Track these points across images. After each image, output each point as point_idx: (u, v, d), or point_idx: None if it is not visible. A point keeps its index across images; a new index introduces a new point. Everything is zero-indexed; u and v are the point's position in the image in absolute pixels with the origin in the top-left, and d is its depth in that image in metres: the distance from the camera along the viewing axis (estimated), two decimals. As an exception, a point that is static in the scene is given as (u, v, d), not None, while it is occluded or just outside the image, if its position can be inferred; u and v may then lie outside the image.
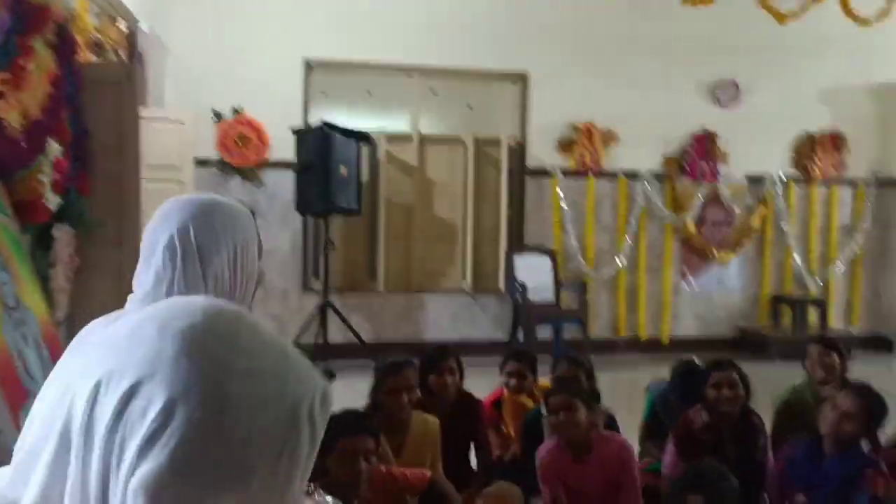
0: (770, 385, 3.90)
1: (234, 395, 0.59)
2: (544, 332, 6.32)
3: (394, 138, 6.64)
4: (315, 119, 6.17)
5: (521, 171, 6.79)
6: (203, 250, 1.32)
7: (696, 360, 3.87)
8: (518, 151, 6.79)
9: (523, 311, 6.26)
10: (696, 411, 3.37)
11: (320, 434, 0.65)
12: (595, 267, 6.87)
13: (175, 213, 1.34)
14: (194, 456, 0.56)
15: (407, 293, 6.59)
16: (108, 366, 0.61)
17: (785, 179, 7.25)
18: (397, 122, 6.89)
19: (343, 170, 5.68)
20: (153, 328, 0.61)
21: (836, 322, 7.35)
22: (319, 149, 5.57)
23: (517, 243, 6.74)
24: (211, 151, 6.13)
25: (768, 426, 3.52)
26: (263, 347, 0.65)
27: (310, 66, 6.45)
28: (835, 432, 2.99)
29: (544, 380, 4.12)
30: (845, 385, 3.32)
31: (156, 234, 1.33)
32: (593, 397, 3.02)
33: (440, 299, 6.63)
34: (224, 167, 6.18)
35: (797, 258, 7.30)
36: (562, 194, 6.76)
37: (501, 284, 6.63)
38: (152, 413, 0.57)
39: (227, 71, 6.08)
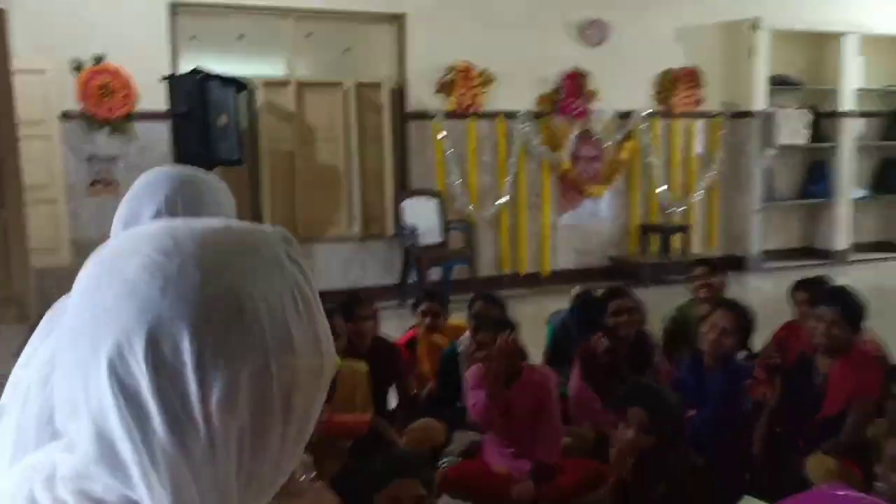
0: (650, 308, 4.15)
1: (245, 293, 0.60)
2: (433, 274, 6.46)
3: (270, 84, 6.43)
4: (185, 66, 5.87)
5: (402, 114, 6.78)
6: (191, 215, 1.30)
7: (592, 291, 4.11)
8: (398, 94, 6.77)
9: (414, 254, 6.34)
10: (598, 338, 3.61)
11: (306, 269, 0.66)
12: (479, 207, 7.03)
13: (159, 186, 1.32)
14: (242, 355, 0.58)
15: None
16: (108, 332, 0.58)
17: (649, 114, 7.65)
18: (272, 68, 6.66)
19: (222, 119, 5.46)
20: (123, 278, 0.59)
21: (696, 246, 7.93)
22: (194, 97, 5.31)
23: (403, 187, 6.78)
24: (77, 104, 5.71)
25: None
26: (225, 235, 0.63)
27: (175, 9, 6.09)
28: (714, 348, 3.27)
29: (455, 319, 4.25)
30: (720, 303, 3.63)
31: (140, 206, 1.31)
32: (511, 328, 3.16)
33: (329, 247, 6.60)
34: (90, 120, 5.78)
35: (662, 188, 7.79)
36: (444, 136, 6.83)
37: (390, 229, 6.67)
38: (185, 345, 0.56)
39: (84, 15, 5.64)
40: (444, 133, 6.83)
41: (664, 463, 2.42)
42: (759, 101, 7.98)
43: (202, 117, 5.29)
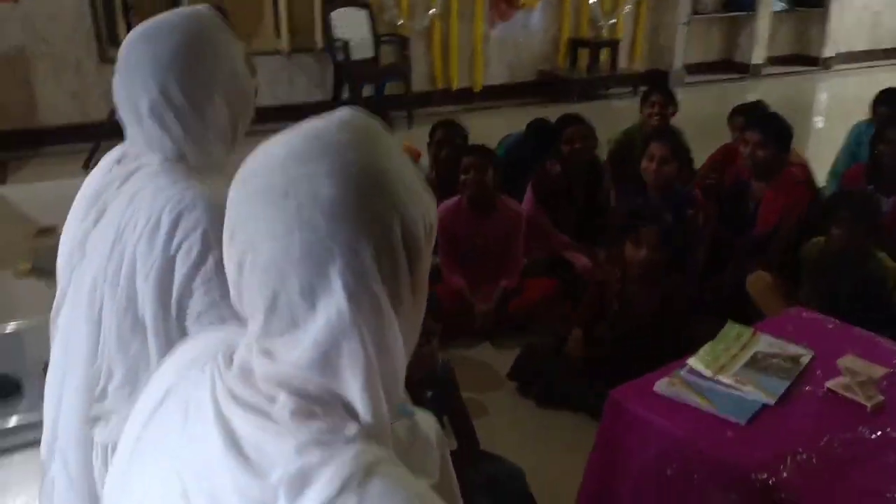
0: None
1: (397, 172, 0.70)
2: (365, 90, 6.29)
3: None
4: None
5: (325, -89, 6.23)
6: (196, 105, 1.18)
7: (546, 118, 4.14)
8: None
9: (346, 69, 6.12)
10: (552, 164, 3.71)
11: None
12: (410, 17, 6.75)
13: (146, 65, 1.16)
14: None
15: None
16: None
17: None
18: None
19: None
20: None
21: (623, 61, 7.96)
22: None
23: (331, -3, 6.38)
24: None
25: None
26: (351, 129, 0.72)
27: None
28: (655, 178, 3.40)
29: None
30: (654, 135, 3.72)
31: (132, 94, 1.17)
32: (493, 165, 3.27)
33: (254, 61, 6.24)
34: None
35: (593, 1, 7.64)
36: (372, -61, 6.38)
37: (319, 42, 6.35)
38: None
39: None
40: (373, -65, 6.36)
41: (652, 285, 2.62)
42: None
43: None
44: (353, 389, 0.67)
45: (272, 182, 0.67)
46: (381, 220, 0.66)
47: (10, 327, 2.08)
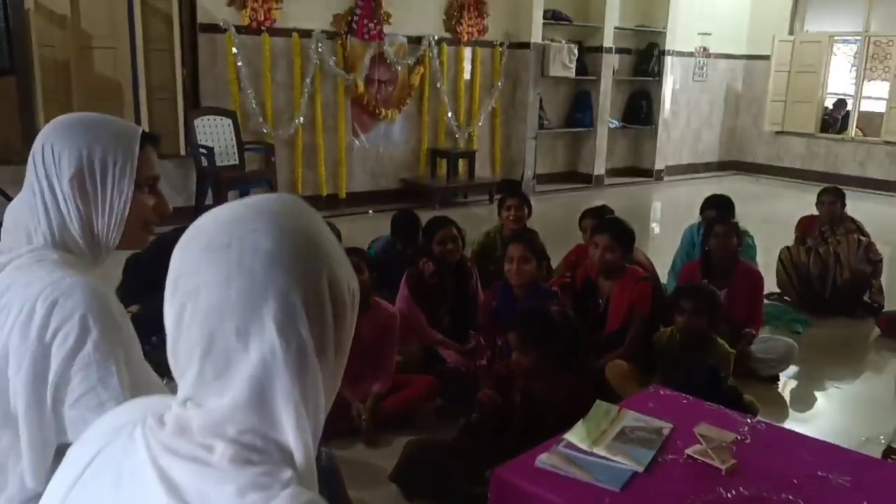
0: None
1: (331, 240, 0.82)
2: (230, 197, 6.31)
3: (38, -18, 5.71)
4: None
5: (192, 26, 6.37)
6: (104, 186, 1.26)
7: (408, 209, 4.34)
8: (188, 4, 6.33)
9: (211, 175, 6.13)
10: (425, 262, 3.87)
11: None
12: (275, 127, 6.91)
13: (65, 142, 1.26)
14: None
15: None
16: None
17: (438, 41, 7.90)
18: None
19: (-13, 20, 4.82)
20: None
21: (480, 170, 8.46)
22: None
23: (195, 104, 6.44)
24: None
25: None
26: (289, 201, 0.84)
27: None
28: (516, 278, 3.58)
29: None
30: (512, 238, 3.98)
31: (40, 167, 1.26)
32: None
33: (115, 167, 6.13)
34: None
35: (450, 114, 8.16)
36: (237, 52, 6.55)
37: (181, 149, 6.35)
38: None
39: None
40: (237, 49, 6.55)
41: (553, 383, 2.62)
42: (536, 33, 8.54)
43: (-37, 19, 4.63)
44: (288, 432, 0.73)
45: (216, 236, 0.76)
46: (312, 273, 0.75)
47: None
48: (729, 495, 1.72)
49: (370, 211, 7.25)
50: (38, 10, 5.69)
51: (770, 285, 4.69)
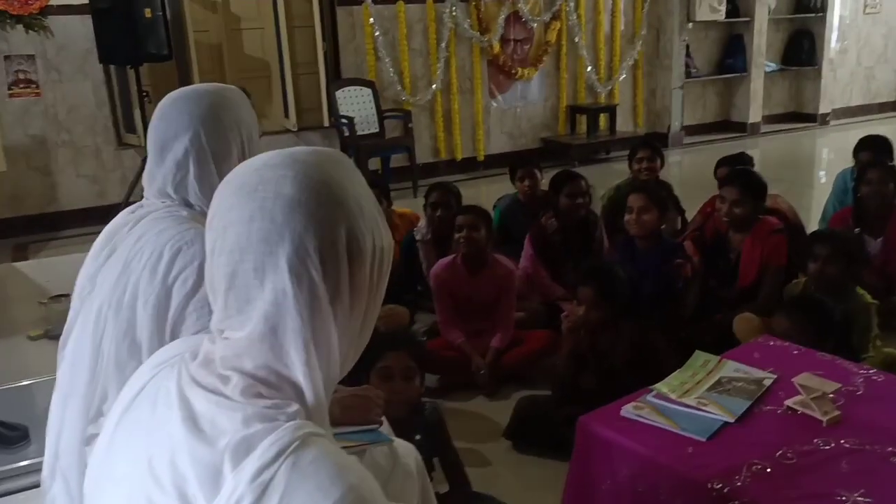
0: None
1: (357, 192, 0.85)
2: (371, 164, 6.55)
3: (192, -28, 6.16)
4: (99, -46, 5.55)
5: (331, 1, 6.62)
6: (216, 154, 1.37)
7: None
8: (326, -20, 6.58)
9: (352, 144, 6.39)
10: (548, 217, 3.86)
11: None
12: (412, 93, 7.06)
13: (181, 115, 1.36)
14: None
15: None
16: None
17: (575, -7, 7.69)
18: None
19: (147, 12, 5.26)
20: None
21: (622, 125, 8.21)
22: (117, -10, 5.08)
23: (336, 76, 6.72)
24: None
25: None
26: (323, 153, 0.88)
27: None
28: (637, 229, 3.47)
29: (399, 207, 4.43)
30: (634, 187, 3.84)
31: (165, 137, 1.37)
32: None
33: (266, 140, 6.45)
34: (2, 17, 5.46)
35: (589, 68, 7.95)
36: (374, 22, 6.74)
37: (325, 120, 6.66)
38: None
39: None
40: (374, 20, 6.73)
41: (617, 334, 2.71)
42: (680, -24, 8.10)
43: (126, 12, 5.09)
44: (297, 368, 0.79)
45: (247, 180, 0.82)
46: (329, 222, 0.79)
47: (23, 382, 2.27)
48: (827, 447, 1.63)
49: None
50: (191, -2, 6.15)
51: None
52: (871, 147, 4.21)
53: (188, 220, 1.34)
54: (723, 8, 8.41)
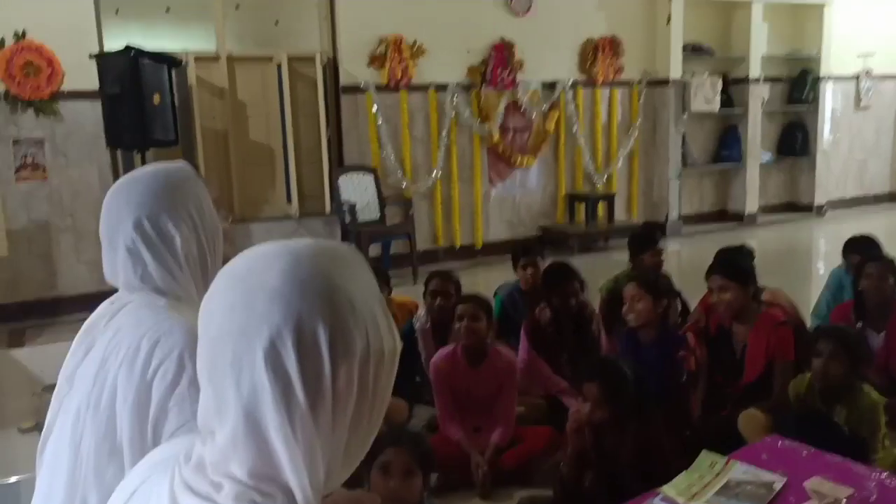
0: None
1: (352, 293, 0.79)
2: (371, 250, 6.58)
3: (201, 59, 6.33)
4: (110, 41, 5.73)
5: (335, 88, 6.79)
6: (163, 235, 1.34)
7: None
8: (331, 68, 6.77)
9: (353, 231, 6.43)
10: (541, 309, 3.84)
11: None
12: (413, 180, 7.15)
13: (120, 204, 1.34)
14: None
15: (231, 224, 6.47)
16: None
17: (573, 84, 7.89)
18: (200, 42, 6.55)
19: (156, 98, 5.38)
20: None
21: (620, 214, 8.28)
22: (127, 76, 5.20)
23: (339, 163, 6.82)
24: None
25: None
26: (326, 249, 0.83)
27: (97, -18, 5.90)
28: (634, 319, 3.43)
29: (399, 295, 4.41)
30: (629, 277, 3.82)
31: (111, 228, 1.35)
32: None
33: (267, 226, 6.56)
34: (13, 101, 5.58)
35: (587, 157, 8.09)
36: (377, 110, 6.89)
37: (327, 206, 6.72)
38: None
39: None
40: (377, 107, 6.88)
41: (622, 433, 2.64)
42: (676, 68, 8.33)
43: (136, 97, 5.20)
44: (286, 469, 0.75)
45: (238, 268, 0.80)
46: (310, 316, 0.74)
47: (10, 480, 2.19)
48: (842, 560, 1.57)
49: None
50: (199, 84, 6.29)
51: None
52: (857, 249, 4.23)
53: (165, 310, 1.30)
54: (717, 99, 8.62)
